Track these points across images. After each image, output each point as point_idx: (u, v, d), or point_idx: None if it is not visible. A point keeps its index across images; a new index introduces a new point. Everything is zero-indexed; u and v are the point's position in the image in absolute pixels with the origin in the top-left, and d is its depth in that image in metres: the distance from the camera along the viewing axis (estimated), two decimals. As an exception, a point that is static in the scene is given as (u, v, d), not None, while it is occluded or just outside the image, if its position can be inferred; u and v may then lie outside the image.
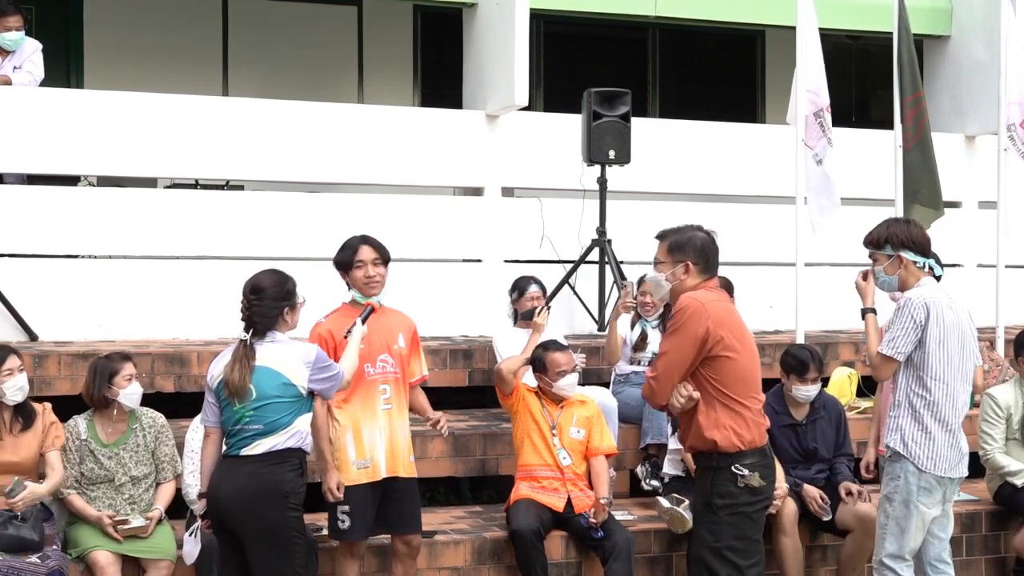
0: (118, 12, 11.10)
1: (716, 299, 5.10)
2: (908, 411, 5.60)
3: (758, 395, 5.15)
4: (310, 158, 9.16)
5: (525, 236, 9.50)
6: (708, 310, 4.98)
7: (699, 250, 5.17)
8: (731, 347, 4.99)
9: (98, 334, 8.20)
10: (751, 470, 4.95)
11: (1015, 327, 8.62)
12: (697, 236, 5.21)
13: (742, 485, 4.95)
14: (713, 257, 5.19)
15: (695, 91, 13.13)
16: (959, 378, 5.61)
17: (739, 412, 5.02)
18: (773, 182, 9.87)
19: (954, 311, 5.63)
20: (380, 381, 5.86)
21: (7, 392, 5.90)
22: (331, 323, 5.88)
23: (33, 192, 8.60)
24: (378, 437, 5.83)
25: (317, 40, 11.80)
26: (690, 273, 5.16)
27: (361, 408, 5.84)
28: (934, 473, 5.55)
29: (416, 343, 6.12)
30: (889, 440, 5.67)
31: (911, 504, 5.57)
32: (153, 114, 8.79)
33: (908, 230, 5.72)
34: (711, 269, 5.18)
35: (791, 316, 8.58)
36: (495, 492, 7.62)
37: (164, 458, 6.27)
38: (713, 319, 4.96)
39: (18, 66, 8.67)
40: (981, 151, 10.79)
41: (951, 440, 5.59)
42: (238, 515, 5.13)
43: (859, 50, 13.45)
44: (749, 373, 5.08)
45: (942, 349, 5.55)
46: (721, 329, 4.97)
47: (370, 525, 5.89)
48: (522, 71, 9.19)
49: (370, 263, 5.87)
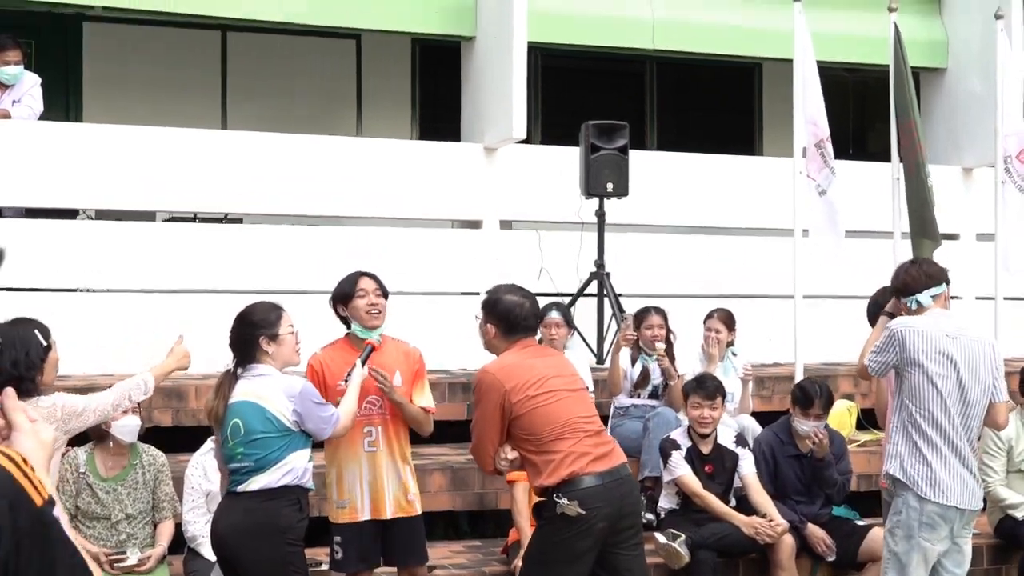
0: (117, 46, 11.13)
1: (513, 362, 5.12)
2: (905, 439, 5.58)
3: (574, 430, 5.06)
4: (309, 191, 9.17)
5: (523, 269, 9.48)
6: (499, 377, 5.05)
7: (501, 314, 5.21)
8: (534, 399, 5.02)
9: (95, 367, 8.18)
10: (570, 499, 4.92)
11: (1014, 359, 8.60)
12: (504, 299, 5.23)
13: (559, 512, 4.91)
14: (516, 321, 5.20)
15: (693, 123, 13.17)
16: (961, 410, 5.54)
17: (553, 452, 5.01)
18: (772, 214, 9.89)
19: (957, 341, 5.57)
20: (364, 423, 5.69)
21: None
22: (325, 355, 5.76)
23: (32, 225, 8.60)
24: (358, 480, 5.72)
25: (316, 73, 11.83)
26: (494, 335, 5.23)
27: (343, 449, 5.71)
28: (936, 502, 5.48)
29: (419, 374, 5.91)
30: (889, 467, 5.63)
31: (913, 539, 5.52)
32: (152, 147, 8.81)
33: (897, 273, 5.89)
34: (514, 332, 5.20)
35: (790, 349, 8.57)
36: (494, 526, 7.59)
37: (164, 497, 6.23)
38: (507, 384, 5.02)
39: (17, 100, 8.69)
40: (978, 183, 10.82)
41: (950, 469, 5.50)
42: (237, 551, 5.10)
43: (856, 83, 13.50)
44: (558, 412, 5.05)
45: (926, 379, 5.51)
46: (516, 392, 5.00)
47: (368, 557, 5.83)
48: (520, 104, 9.22)
49: (372, 292, 5.78)
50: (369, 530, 5.78)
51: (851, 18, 10.98)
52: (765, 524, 6.62)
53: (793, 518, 6.79)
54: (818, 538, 6.83)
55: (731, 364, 7.73)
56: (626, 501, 5.02)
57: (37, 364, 4.82)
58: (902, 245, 8.83)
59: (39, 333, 4.87)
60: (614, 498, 4.96)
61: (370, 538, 5.79)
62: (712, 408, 6.80)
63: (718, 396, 6.82)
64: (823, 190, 8.30)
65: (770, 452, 6.99)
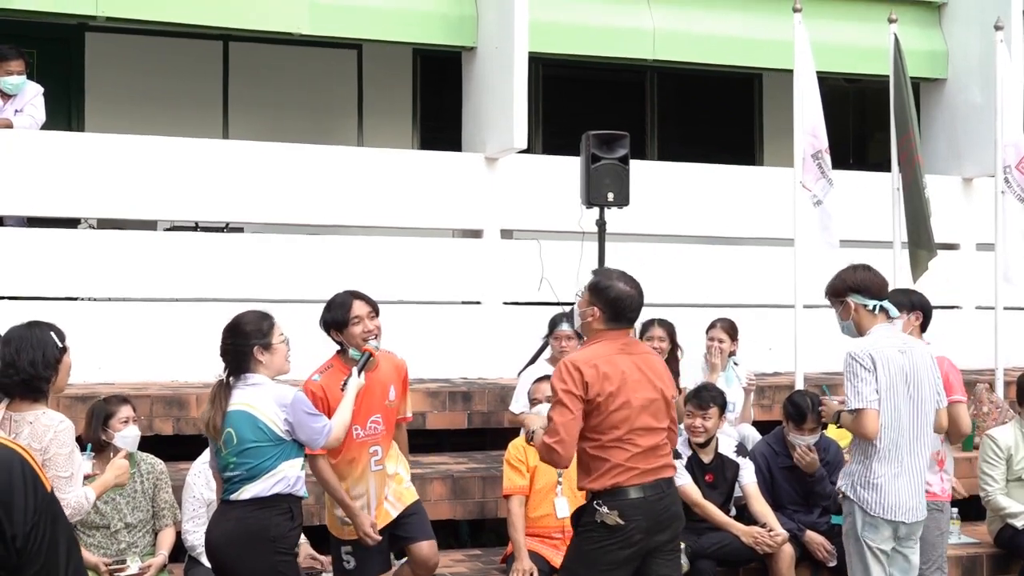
0: (119, 56, 11.15)
1: (601, 355, 5.08)
2: (860, 458, 5.66)
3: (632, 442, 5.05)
4: (310, 201, 9.18)
5: (524, 278, 9.51)
6: (580, 367, 5.00)
7: (611, 301, 5.16)
8: (605, 401, 4.99)
9: (97, 377, 8.19)
10: (611, 508, 4.96)
11: (1014, 369, 8.62)
12: (616, 286, 5.19)
13: (599, 520, 4.97)
14: (622, 311, 5.15)
15: (694, 133, 13.18)
16: (911, 424, 5.62)
17: (604, 459, 5.03)
18: (772, 224, 9.90)
19: (905, 355, 5.63)
20: (370, 443, 5.73)
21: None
22: (324, 380, 5.68)
23: (33, 234, 8.61)
24: (366, 499, 5.73)
25: (317, 83, 11.85)
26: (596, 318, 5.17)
27: (351, 468, 5.71)
28: (883, 517, 5.61)
29: (405, 384, 5.97)
30: (840, 484, 5.78)
31: (860, 539, 5.65)
32: (153, 157, 8.83)
33: (855, 275, 5.80)
34: (616, 321, 5.15)
35: (790, 358, 8.57)
36: (495, 535, 7.59)
37: (163, 505, 6.23)
38: (587, 375, 4.98)
39: (19, 109, 8.71)
40: (978, 193, 10.83)
41: (898, 485, 5.59)
42: (228, 559, 5.12)
43: (856, 93, 13.52)
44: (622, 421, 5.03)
45: (888, 397, 5.56)
46: (593, 387, 4.97)
47: (379, 562, 5.83)
48: (521, 114, 9.24)
49: (366, 317, 5.73)
50: (381, 539, 5.79)
51: (851, 29, 11.00)
52: (765, 534, 6.62)
53: (792, 527, 6.79)
54: (818, 544, 6.83)
55: (733, 373, 7.73)
56: (665, 515, 5.06)
57: (52, 365, 4.87)
58: (902, 255, 8.85)
59: (55, 335, 4.93)
60: (654, 512, 5.02)
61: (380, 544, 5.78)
62: (705, 418, 6.78)
63: (712, 406, 6.79)
64: (818, 200, 8.32)
65: (765, 464, 6.99)
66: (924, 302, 6.48)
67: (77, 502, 4.88)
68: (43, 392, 4.87)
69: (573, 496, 6.48)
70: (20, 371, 4.80)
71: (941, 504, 6.26)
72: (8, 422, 4.86)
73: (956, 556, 7.13)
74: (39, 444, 4.79)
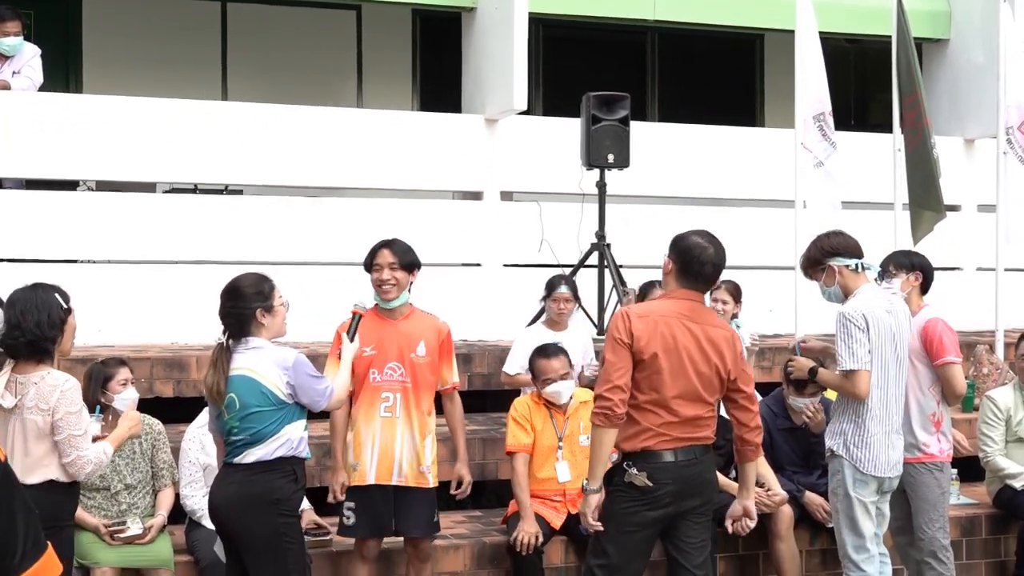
0: (117, 17, 11.10)
1: (658, 311, 5.08)
2: (851, 417, 5.74)
3: (670, 410, 5.03)
4: (309, 163, 9.16)
5: (524, 240, 9.49)
6: (631, 319, 5.00)
7: (682, 250, 5.14)
8: (653, 361, 4.97)
9: (97, 339, 8.19)
10: (639, 470, 4.99)
11: (1014, 330, 8.61)
12: (690, 238, 5.18)
13: (628, 481, 5.01)
14: (690, 260, 5.12)
15: (694, 95, 13.13)
16: (896, 382, 5.75)
17: (640, 421, 5.02)
18: (773, 186, 9.88)
19: (891, 315, 5.72)
20: (383, 389, 5.79)
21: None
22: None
23: (32, 197, 8.59)
24: (369, 443, 5.80)
25: (316, 44, 11.80)
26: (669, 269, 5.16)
27: (362, 412, 5.82)
28: (872, 474, 5.73)
29: (445, 348, 5.98)
30: (831, 444, 5.83)
31: (850, 495, 5.75)
32: (152, 119, 8.80)
33: (830, 240, 5.87)
34: (686, 274, 5.13)
35: (790, 320, 8.57)
36: (495, 497, 7.60)
37: (162, 465, 6.24)
38: (636, 329, 4.97)
39: (17, 71, 8.67)
40: (980, 154, 10.80)
41: (887, 442, 5.75)
42: (231, 521, 5.13)
43: (858, 54, 13.46)
44: (665, 385, 5.00)
45: (878, 356, 5.66)
46: (640, 340, 4.96)
47: (381, 524, 5.87)
48: (521, 75, 9.20)
49: (386, 267, 5.80)
50: (378, 497, 5.83)
51: (853, -12, 10.94)
52: (763, 495, 6.63)
53: (791, 488, 6.80)
54: (817, 505, 6.84)
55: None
56: (696, 481, 5.08)
57: (57, 326, 4.92)
58: (902, 216, 8.83)
59: (59, 296, 4.98)
60: (684, 477, 5.03)
61: (380, 505, 5.83)
62: None
63: None
64: (820, 162, 8.30)
65: (764, 425, 6.96)
66: (925, 263, 6.48)
67: (97, 457, 4.95)
68: (49, 353, 4.92)
69: (573, 459, 6.50)
70: (26, 332, 4.85)
71: (940, 464, 6.27)
72: (14, 384, 4.88)
73: (955, 517, 7.14)
74: (46, 404, 4.84)
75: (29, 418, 4.85)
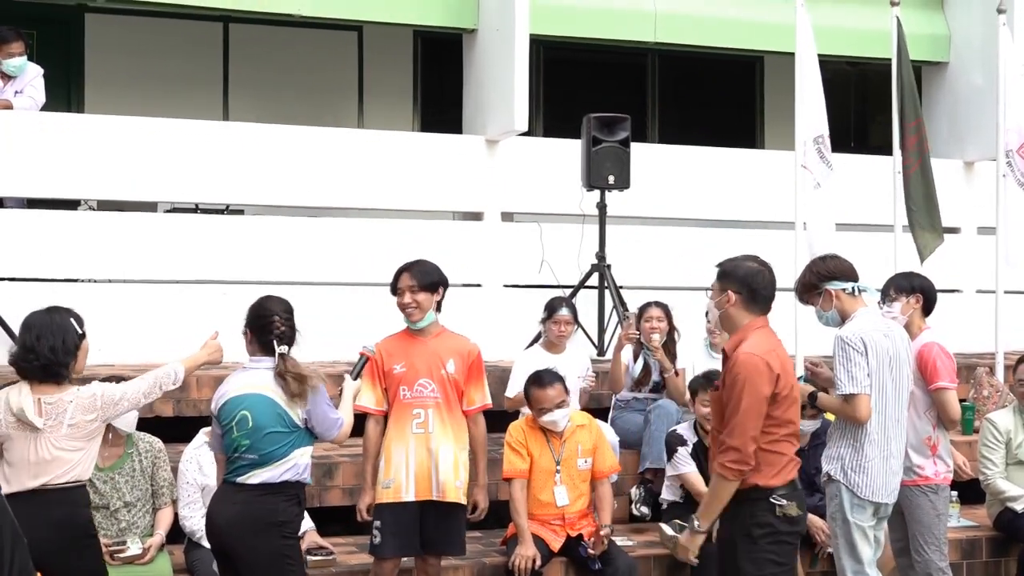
0: (119, 37, 11.13)
1: (774, 347, 5.07)
2: (848, 441, 5.70)
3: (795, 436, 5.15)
4: (310, 183, 9.17)
5: (524, 261, 9.50)
6: (769, 363, 4.95)
7: (743, 279, 5.12)
8: (789, 395, 5.03)
9: (97, 358, 8.13)
10: (788, 500, 5.03)
11: (1014, 352, 8.61)
12: (743, 264, 5.18)
13: (780, 515, 5.01)
14: (757, 288, 5.11)
15: (695, 116, 13.16)
16: (894, 405, 5.69)
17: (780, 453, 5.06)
18: (772, 208, 9.89)
19: (889, 339, 5.69)
20: (415, 405, 5.84)
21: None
22: (385, 344, 5.94)
23: (33, 216, 8.60)
24: (403, 460, 5.82)
25: (317, 65, 11.83)
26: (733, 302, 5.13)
27: (393, 430, 5.87)
28: (870, 500, 5.68)
29: (474, 370, 6.01)
30: (829, 468, 5.78)
31: (849, 520, 5.70)
32: (153, 138, 8.81)
33: (826, 264, 5.88)
34: (755, 301, 5.11)
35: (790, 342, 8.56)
36: (495, 518, 7.58)
37: (162, 483, 6.24)
38: (777, 370, 4.96)
39: (20, 91, 8.70)
40: (980, 177, 10.82)
41: (885, 467, 5.69)
42: (233, 541, 5.12)
43: (858, 76, 13.50)
44: (792, 413, 5.09)
45: (876, 380, 5.62)
46: (783, 380, 4.98)
47: (406, 543, 5.88)
48: (522, 96, 9.23)
49: (407, 291, 5.88)
50: (411, 514, 5.83)
51: (853, 12, 10.97)
52: None
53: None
54: (817, 527, 6.83)
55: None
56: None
57: (72, 351, 5.00)
58: (903, 238, 8.84)
59: (74, 321, 5.06)
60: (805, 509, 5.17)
61: (410, 524, 5.84)
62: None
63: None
64: (818, 183, 8.31)
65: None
66: (926, 285, 6.48)
67: (166, 375, 5.14)
68: (64, 376, 5.00)
69: (571, 483, 6.52)
70: (40, 356, 4.93)
71: (935, 487, 6.25)
72: (39, 404, 4.89)
73: (956, 539, 7.14)
74: (89, 416, 4.95)
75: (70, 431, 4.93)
